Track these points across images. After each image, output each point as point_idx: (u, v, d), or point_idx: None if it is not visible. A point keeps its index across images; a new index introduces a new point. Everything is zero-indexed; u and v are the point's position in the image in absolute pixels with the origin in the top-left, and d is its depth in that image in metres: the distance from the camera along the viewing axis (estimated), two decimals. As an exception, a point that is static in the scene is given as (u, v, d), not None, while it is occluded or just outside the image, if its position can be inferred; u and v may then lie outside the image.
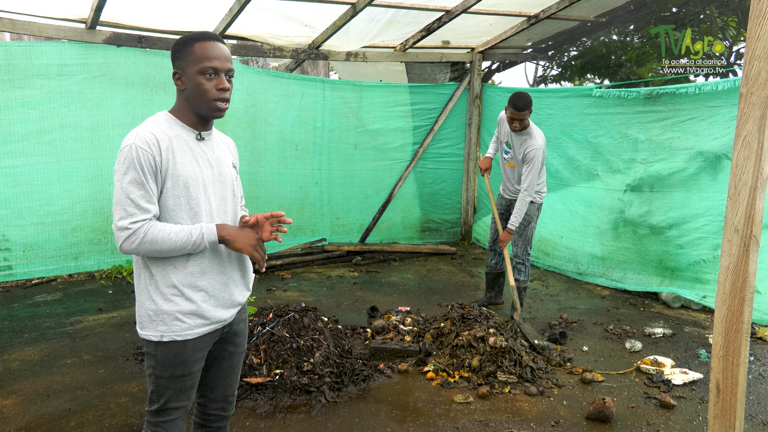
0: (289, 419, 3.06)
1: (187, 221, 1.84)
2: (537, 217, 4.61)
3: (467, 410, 3.20)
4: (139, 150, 1.74)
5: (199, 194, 1.85)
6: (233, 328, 2.05)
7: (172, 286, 1.84)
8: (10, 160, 5.05)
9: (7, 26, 4.88)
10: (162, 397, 1.91)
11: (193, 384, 1.96)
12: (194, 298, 1.86)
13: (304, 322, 3.75)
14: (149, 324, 1.86)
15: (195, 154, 1.87)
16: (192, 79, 1.82)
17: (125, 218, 1.74)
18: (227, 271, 1.95)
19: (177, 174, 1.80)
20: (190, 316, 1.86)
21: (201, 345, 1.92)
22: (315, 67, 9.54)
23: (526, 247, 4.64)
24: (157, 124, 1.84)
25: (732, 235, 1.73)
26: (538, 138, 4.38)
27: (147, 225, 1.75)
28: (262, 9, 5.29)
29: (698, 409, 3.24)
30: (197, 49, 1.81)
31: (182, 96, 1.88)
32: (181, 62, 1.84)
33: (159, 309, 1.84)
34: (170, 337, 1.85)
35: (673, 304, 5.04)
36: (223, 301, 1.94)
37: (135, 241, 1.74)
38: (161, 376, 1.88)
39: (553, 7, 5.89)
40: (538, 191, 4.55)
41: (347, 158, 6.83)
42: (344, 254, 6.69)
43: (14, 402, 3.21)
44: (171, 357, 1.86)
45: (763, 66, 1.63)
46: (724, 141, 4.71)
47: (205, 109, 1.85)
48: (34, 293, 5.17)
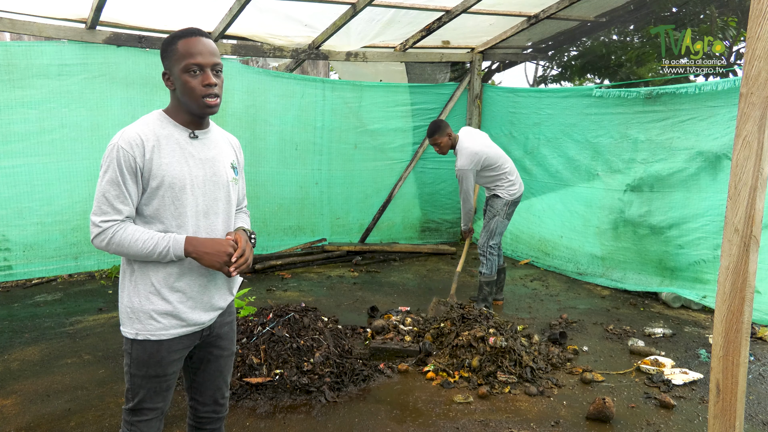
0: (289, 419, 3.06)
1: (171, 221, 1.82)
2: (505, 213, 4.72)
3: (467, 410, 3.20)
4: (120, 150, 1.74)
5: (184, 195, 1.82)
6: (215, 331, 2.02)
7: (150, 285, 1.83)
8: (10, 160, 5.05)
9: (7, 26, 4.88)
10: (136, 396, 1.90)
11: (169, 386, 1.93)
12: (170, 298, 1.85)
13: (304, 322, 3.75)
14: (127, 321, 1.87)
15: (185, 154, 1.84)
16: (178, 78, 1.80)
17: (98, 215, 1.76)
18: (208, 274, 1.92)
19: (162, 174, 1.78)
20: (165, 316, 1.85)
21: (177, 347, 1.89)
22: (315, 67, 9.54)
23: (488, 239, 4.74)
24: (147, 124, 1.82)
25: (732, 235, 1.73)
26: (461, 159, 4.57)
27: (117, 227, 1.75)
28: (262, 9, 5.29)
29: (698, 409, 3.24)
30: (180, 47, 1.78)
31: (174, 95, 1.86)
32: (167, 62, 1.83)
33: (135, 307, 1.84)
34: (144, 335, 1.84)
35: (673, 304, 5.04)
36: (202, 303, 1.92)
37: (104, 240, 1.77)
38: (135, 374, 1.88)
39: (553, 7, 5.89)
40: (506, 189, 4.70)
41: (347, 158, 6.84)
42: (344, 254, 6.69)
43: (14, 402, 3.21)
44: (145, 356, 1.85)
45: (763, 66, 1.63)
46: (724, 141, 4.71)
47: (195, 106, 1.82)
48: (34, 293, 5.18)
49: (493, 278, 4.78)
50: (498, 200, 4.70)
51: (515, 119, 6.65)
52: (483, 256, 4.76)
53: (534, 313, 4.88)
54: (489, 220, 4.77)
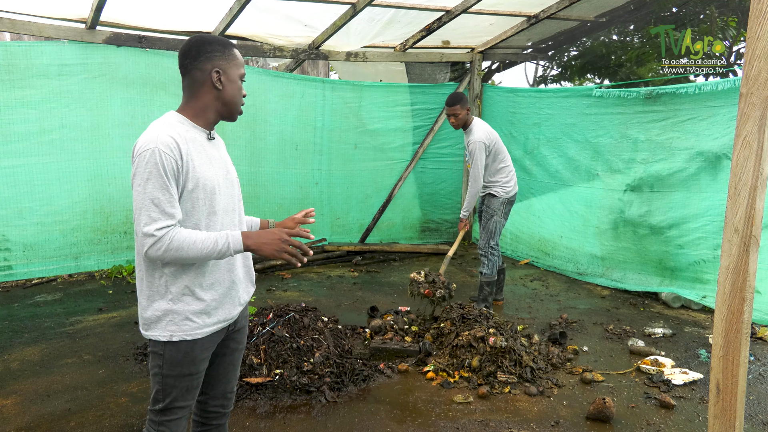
0: (289, 419, 3.06)
1: (203, 222, 1.85)
2: (502, 212, 4.74)
3: (467, 410, 3.20)
4: (162, 154, 1.72)
5: (215, 195, 1.88)
6: (237, 325, 2.08)
7: (183, 287, 1.84)
8: (10, 160, 5.05)
9: (7, 26, 4.88)
10: (168, 396, 1.91)
11: (199, 383, 1.97)
12: (204, 297, 1.88)
13: (304, 322, 3.75)
14: (157, 324, 1.86)
15: (209, 156, 1.89)
16: (234, 82, 1.89)
17: (150, 224, 1.71)
18: (234, 269, 1.97)
19: (197, 177, 1.81)
20: (200, 315, 1.87)
21: (209, 344, 1.94)
22: (315, 67, 9.54)
23: (488, 240, 4.76)
24: (173, 126, 1.82)
25: (732, 235, 1.73)
26: (477, 132, 4.61)
27: (173, 231, 1.73)
28: (262, 9, 5.29)
29: (698, 409, 3.24)
30: (237, 55, 1.91)
31: (211, 95, 1.88)
32: (223, 62, 1.87)
33: (169, 309, 1.84)
34: (180, 336, 1.85)
35: (673, 304, 5.04)
36: (231, 298, 1.96)
37: (161, 248, 1.72)
38: (169, 375, 1.89)
39: (553, 7, 5.89)
40: (502, 186, 4.72)
41: (347, 158, 6.84)
42: (344, 254, 6.69)
43: (14, 402, 3.21)
44: (180, 356, 1.87)
45: (763, 66, 1.63)
46: (724, 141, 4.71)
47: (233, 111, 1.94)
48: (34, 293, 5.17)
49: (494, 278, 4.79)
50: (494, 199, 4.73)
51: (515, 119, 6.65)
52: (484, 257, 4.77)
53: (534, 313, 4.88)
54: (487, 221, 4.78)
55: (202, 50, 1.86)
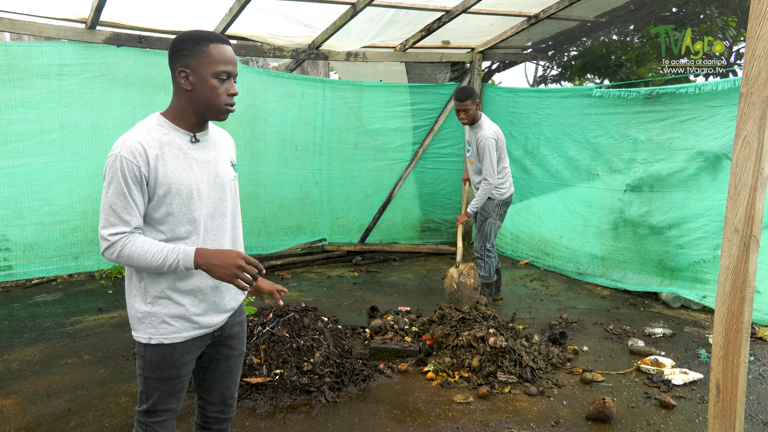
0: (289, 419, 3.06)
1: (180, 226, 1.80)
2: (497, 214, 4.75)
3: (467, 410, 3.20)
4: (123, 161, 1.70)
5: (192, 201, 1.80)
6: (226, 331, 2.02)
7: (161, 290, 1.82)
8: (10, 160, 5.05)
9: (7, 26, 4.88)
10: (150, 398, 1.91)
11: (182, 387, 1.94)
12: (183, 302, 1.85)
13: (304, 322, 3.75)
14: (139, 326, 1.86)
15: (189, 159, 1.81)
16: (205, 80, 1.75)
17: (106, 227, 1.73)
18: None
19: (168, 182, 1.75)
20: (177, 319, 1.85)
21: (190, 348, 1.90)
22: (315, 67, 9.54)
23: (484, 242, 4.77)
24: (148, 130, 1.77)
25: (732, 235, 1.73)
26: (486, 129, 4.61)
27: (126, 239, 1.72)
28: (262, 9, 5.29)
29: (698, 409, 3.24)
30: (213, 51, 1.75)
31: (185, 96, 1.79)
32: (191, 61, 1.75)
33: (147, 311, 1.84)
34: (158, 339, 1.84)
35: (673, 304, 5.04)
36: (214, 306, 1.92)
37: (114, 252, 1.73)
38: (150, 377, 1.88)
39: (553, 7, 5.89)
40: (497, 188, 4.71)
41: (347, 158, 6.83)
42: (344, 254, 6.69)
43: (14, 402, 3.21)
44: (159, 359, 1.86)
45: (763, 66, 1.63)
46: (724, 141, 4.71)
47: (214, 111, 1.81)
48: (34, 293, 5.17)
49: (493, 280, 4.80)
50: (489, 202, 4.74)
51: (515, 119, 6.65)
52: (481, 259, 4.79)
53: (534, 313, 4.88)
54: (482, 223, 4.79)
55: (173, 49, 1.78)
